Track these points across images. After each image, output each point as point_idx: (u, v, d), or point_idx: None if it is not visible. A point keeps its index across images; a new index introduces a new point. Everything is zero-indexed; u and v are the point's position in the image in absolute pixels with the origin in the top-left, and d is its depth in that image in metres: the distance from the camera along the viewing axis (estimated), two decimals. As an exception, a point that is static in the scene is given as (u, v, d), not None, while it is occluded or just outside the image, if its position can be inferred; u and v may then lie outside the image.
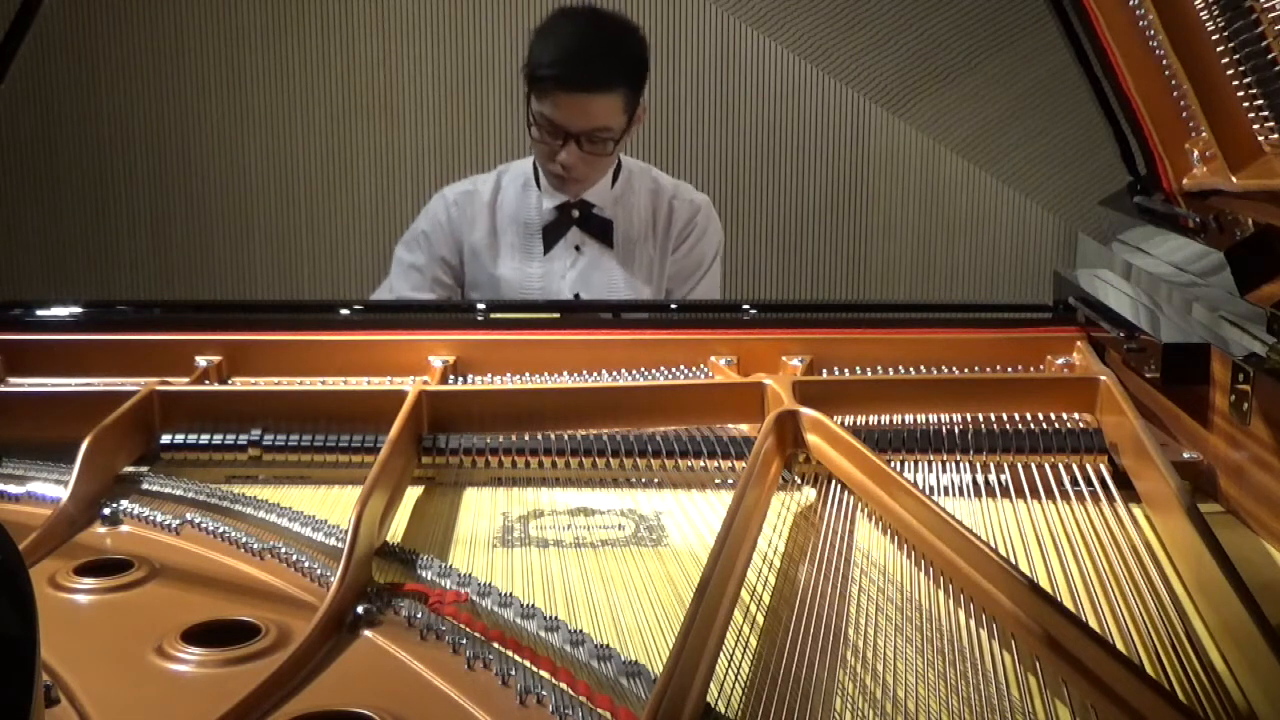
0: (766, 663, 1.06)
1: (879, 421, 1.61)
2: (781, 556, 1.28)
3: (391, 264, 2.68)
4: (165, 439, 1.59)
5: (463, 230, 2.60)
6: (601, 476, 1.55)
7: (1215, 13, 1.33)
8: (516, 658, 1.07)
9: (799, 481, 1.47)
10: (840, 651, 1.09)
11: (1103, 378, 1.58)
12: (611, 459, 1.55)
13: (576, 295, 2.57)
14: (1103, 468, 1.47)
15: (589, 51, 2.41)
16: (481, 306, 2.24)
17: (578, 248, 2.57)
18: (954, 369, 1.78)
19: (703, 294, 2.65)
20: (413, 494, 1.51)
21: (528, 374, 1.82)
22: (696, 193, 2.69)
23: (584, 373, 1.81)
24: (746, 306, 2.14)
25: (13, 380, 1.81)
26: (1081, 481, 1.45)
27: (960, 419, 1.59)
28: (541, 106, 2.40)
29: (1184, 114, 1.55)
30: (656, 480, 1.54)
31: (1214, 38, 1.34)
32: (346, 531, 1.21)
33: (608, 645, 1.09)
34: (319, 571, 1.24)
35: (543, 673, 1.04)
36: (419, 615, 1.14)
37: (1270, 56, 1.23)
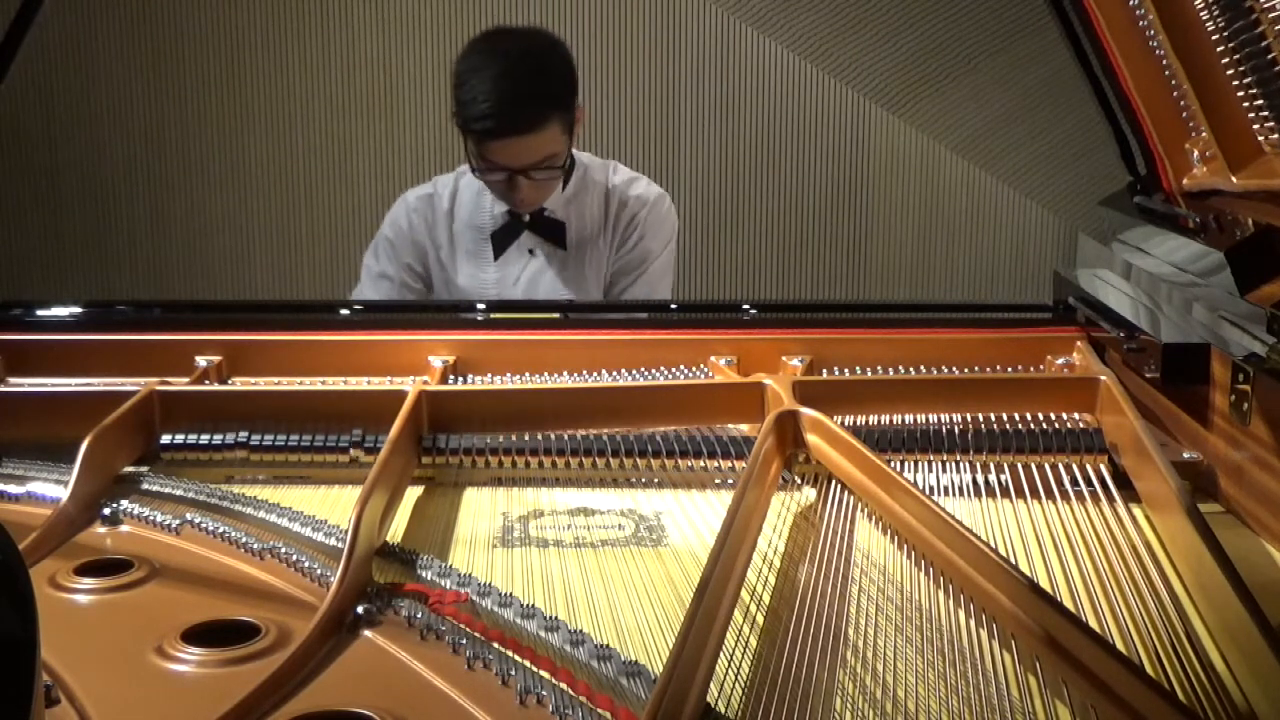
0: (766, 663, 1.06)
1: (879, 421, 1.61)
2: (781, 556, 1.28)
3: (361, 270, 2.64)
4: (165, 439, 1.59)
5: (423, 236, 2.57)
6: (601, 476, 1.55)
7: (1215, 13, 1.33)
8: (516, 658, 1.07)
9: (799, 481, 1.47)
10: (840, 651, 1.09)
11: (1103, 378, 1.58)
12: (611, 459, 1.55)
13: None
14: (1103, 468, 1.47)
15: (517, 94, 2.32)
16: (481, 306, 2.24)
17: (531, 251, 2.53)
18: (954, 369, 1.78)
19: (644, 290, 2.58)
20: (413, 494, 1.51)
21: (528, 374, 1.82)
22: (651, 186, 2.61)
23: (584, 373, 1.81)
24: (746, 306, 2.14)
25: (13, 380, 1.81)
26: (1081, 481, 1.45)
27: (960, 419, 1.59)
28: (482, 151, 2.34)
29: (1184, 114, 1.55)
30: (656, 480, 1.54)
31: (1214, 38, 1.34)
32: (346, 531, 1.21)
33: (608, 645, 1.08)
34: (319, 571, 1.24)
35: (543, 673, 1.04)
36: (419, 615, 1.14)
37: (1270, 56, 1.23)
